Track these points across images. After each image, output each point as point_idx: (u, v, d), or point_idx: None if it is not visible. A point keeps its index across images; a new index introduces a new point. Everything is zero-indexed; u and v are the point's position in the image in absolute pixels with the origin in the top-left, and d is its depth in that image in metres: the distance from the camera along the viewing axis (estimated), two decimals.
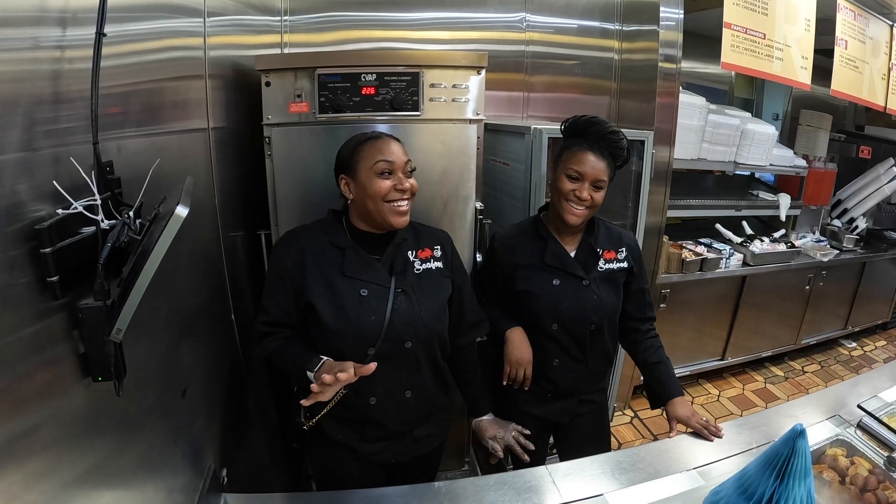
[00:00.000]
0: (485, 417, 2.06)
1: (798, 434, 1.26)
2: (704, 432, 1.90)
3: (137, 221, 1.10)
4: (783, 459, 1.27)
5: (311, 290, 1.68)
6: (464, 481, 1.72)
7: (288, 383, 2.01)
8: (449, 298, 1.88)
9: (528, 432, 2.03)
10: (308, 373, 1.56)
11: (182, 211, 0.93)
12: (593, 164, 1.86)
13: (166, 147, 1.57)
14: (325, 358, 1.60)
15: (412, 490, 1.68)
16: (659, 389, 2.11)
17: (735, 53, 3.41)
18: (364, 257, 1.72)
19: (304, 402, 1.55)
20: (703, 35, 3.84)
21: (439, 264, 1.86)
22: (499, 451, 1.97)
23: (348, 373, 1.49)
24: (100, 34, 1.03)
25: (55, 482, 0.91)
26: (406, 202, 1.70)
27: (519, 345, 2.01)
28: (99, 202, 1.01)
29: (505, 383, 2.04)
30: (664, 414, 2.06)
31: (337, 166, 1.74)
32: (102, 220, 1.02)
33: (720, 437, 1.89)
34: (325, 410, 1.74)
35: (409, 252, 1.81)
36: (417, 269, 1.81)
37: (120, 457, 1.15)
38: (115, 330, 0.95)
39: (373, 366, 1.53)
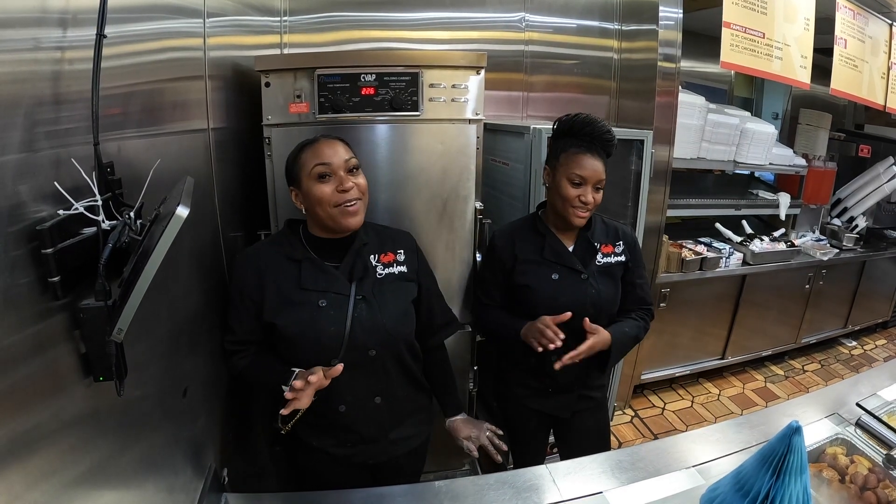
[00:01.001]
0: (458, 417, 2.07)
1: (794, 431, 1.26)
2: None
3: (138, 222, 1.10)
4: (779, 456, 1.27)
5: (272, 310, 1.69)
6: (464, 480, 1.72)
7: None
8: (416, 300, 1.88)
9: (500, 432, 2.04)
10: (283, 387, 1.57)
11: (182, 211, 0.92)
12: (594, 166, 1.88)
13: (167, 148, 1.57)
14: (297, 370, 1.62)
15: (412, 489, 1.68)
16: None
17: (734, 53, 3.42)
18: (321, 267, 1.71)
19: (283, 412, 1.56)
20: (702, 34, 3.85)
21: (402, 268, 1.85)
22: (473, 452, 1.99)
23: (317, 375, 1.53)
24: (100, 35, 1.03)
25: (57, 482, 0.91)
26: (354, 202, 1.66)
27: (531, 325, 1.98)
28: (100, 203, 1.01)
29: (540, 349, 1.96)
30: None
31: (287, 179, 1.73)
32: (103, 221, 1.02)
33: None
34: (298, 416, 1.73)
35: (371, 256, 1.80)
36: (379, 274, 1.80)
37: (121, 456, 1.15)
38: (116, 330, 0.95)
39: (339, 367, 1.56)
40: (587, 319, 1.92)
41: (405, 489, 1.68)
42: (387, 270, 1.82)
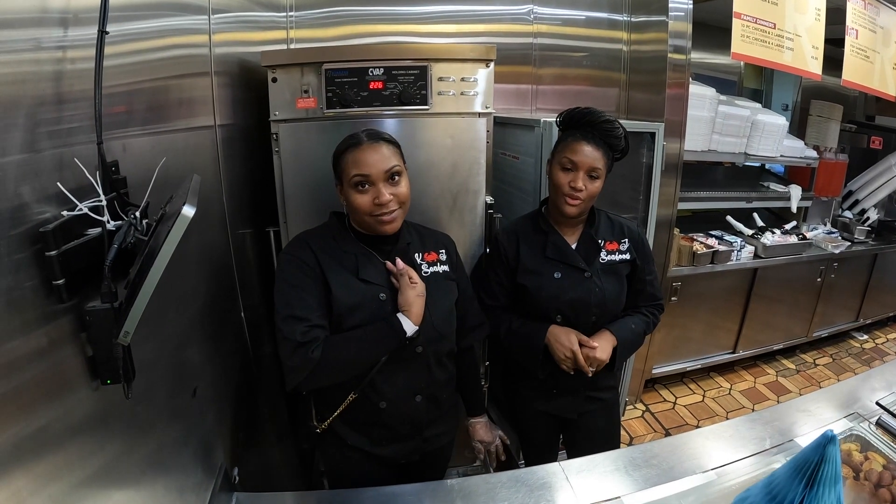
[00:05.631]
0: (480, 420, 2.11)
1: (829, 440, 1.24)
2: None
3: (144, 222, 1.09)
4: (812, 466, 1.25)
5: (337, 287, 1.63)
6: (476, 478, 1.71)
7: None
8: (455, 301, 1.88)
9: (508, 442, 2.11)
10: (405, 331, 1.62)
11: (189, 211, 0.91)
12: (587, 152, 1.84)
13: (172, 145, 1.56)
14: (399, 315, 1.64)
15: (424, 488, 1.67)
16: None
17: (745, 44, 3.38)
18: (376, 261, 1.70)
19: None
20: (712, 25, 3.81)
21: (446, 268, 1.86)
22: (480, 454, 2.10)
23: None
24: (102, 32, 1.02)
25: (64, 485, 0.90)
26: (391, 213, 1.64)
27: (560, 337, 1.97)
28: (104, 203, 1.00)
29: (568, 369, 1.98)
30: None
31: (333, 172, 1.70)
32: (108, 222, 1.01)
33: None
34: (336, 414, 1.75)
35: (416, 255, 1.80)
36: (425, 273, 1.79)
37: (130, 458, 1.15)
38: (122, 333, 0.93)
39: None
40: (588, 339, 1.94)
41: (417, 487, 1.67)
42: (432, 269, 1.82)
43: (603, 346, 1.94)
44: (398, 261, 1.69)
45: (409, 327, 1.62)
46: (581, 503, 1.59)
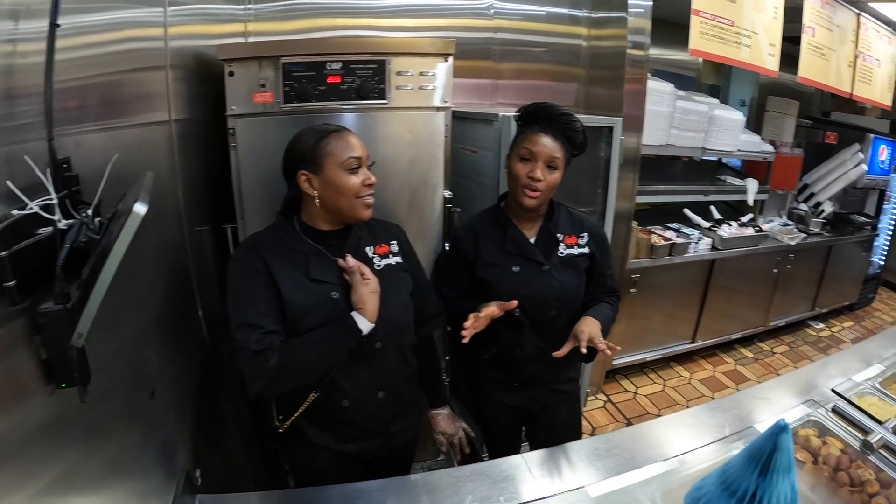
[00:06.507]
0: (442, 411, 2.10)
1: (781, 429, 1.26)
2: (601, 346, 1.81)
3: (97, 220, 1.08)
4: (766, 455, 1.27)
5: (287, 291, 1.61)
6: (440, 473, 1.71)
7: None
8: (410, 292, 1.87)
9: (472, 435, 2.10)
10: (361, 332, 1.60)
11: (140, 208, 0.90)
12: (545, 143, 1.84)
13: (127, 141, 1.54)
14: (353, 314, 1.62)
15: (389, 483, 1.67)
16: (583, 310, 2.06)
17: (703, 40, 3.44)
18: (326, 260, 1.68)
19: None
20: (671, 22, 3.88)
21: (399, 259, 1.85)
22: (443, 447, 2.07)
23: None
24: (53, 25, 1.01)
25: (22, 495, 0.89)
26: (373, 196, 1.69)
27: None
28: (56, 201, 0.99)
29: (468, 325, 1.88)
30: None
31: (294, 162, 1.66)
32: (60, 220, 1.00)
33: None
34: (298, 413, 1.73)
35: (368, 249, 1.78)
36: (378, 266, 1.78)
37: (89, 463, 1.13)
38: (76, 335, 0.92)
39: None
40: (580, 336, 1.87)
41: (382, 483, 1.66)
42: (385, 262, 1.81)
43: (591, 326, 1.89)
44: (349, 258, 1.67)
45: (365, 325, 1.61)
46: (544, 494, 1.60)
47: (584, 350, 1.79)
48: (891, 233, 6.64)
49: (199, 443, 1.94)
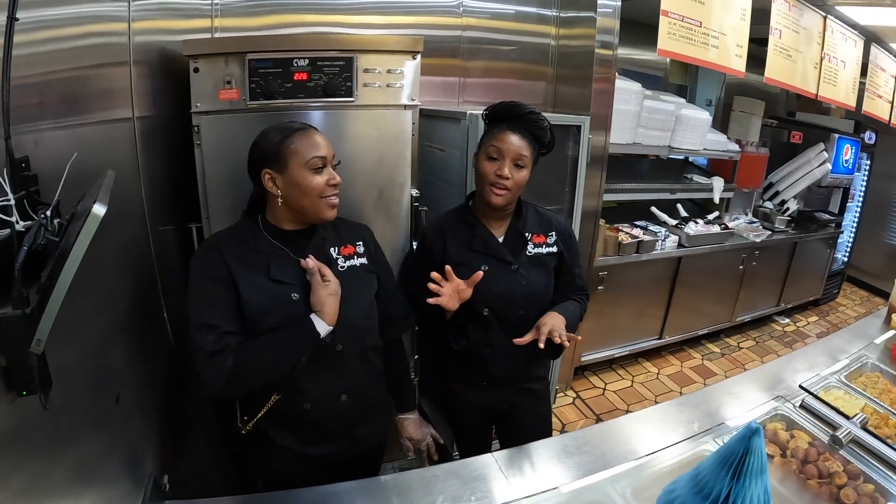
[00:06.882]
0: (410, 416, 2.10)
1: (753, 432, 1.26)
2: (558, 340, 1.81)
3: (55, 221, 1.05)
4: (738, 458, 1.28)
5: (246, 291, 1.59)
6: (410, 473, 1.71)
7: None
8: (375, 293, 1.86)
9: (441, 441, 2.11)
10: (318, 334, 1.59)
11: (99, 209, 0.89)
12: (513, 141, 1.85)
13: (88, 139, 1.52)
14: (312, 316, 1.60)
15: (359, 485, 1.65)
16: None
17: (671, 41, 3.48)
18: (289, 260, 1.66)
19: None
20: (639, 22, 3.91)
21: (364, 260, 1.83)
22: (410, 452, 2.09)
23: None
24: (11, 19, 0.99)
25: None
26: (337, 196, 1.67)
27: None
28: (13, 202, 0.97)
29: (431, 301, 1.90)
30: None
31: (258, 160, 1.64)
32: (17, 222, 0.97)
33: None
34: (261, 414, 1.71)
35: (332, 249, 1.76)
36: (342, 267, 1.76)
37: (52, 473, 1.11)
38: (35, 341, 0.90)
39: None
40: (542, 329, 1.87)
41: (352, 485, 1.65)
42: (349, 263, 1.79)
43: (554, 319, 1.92)
44: (309, 259, 1.65)
45: (323, 327, 1.59)
46: (516, 493, 1.61)
47: (541, 345, 1.80)
48: (854, 230, 6.80)
49: (167, 448, 1.92)
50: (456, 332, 2.05)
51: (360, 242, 1.85)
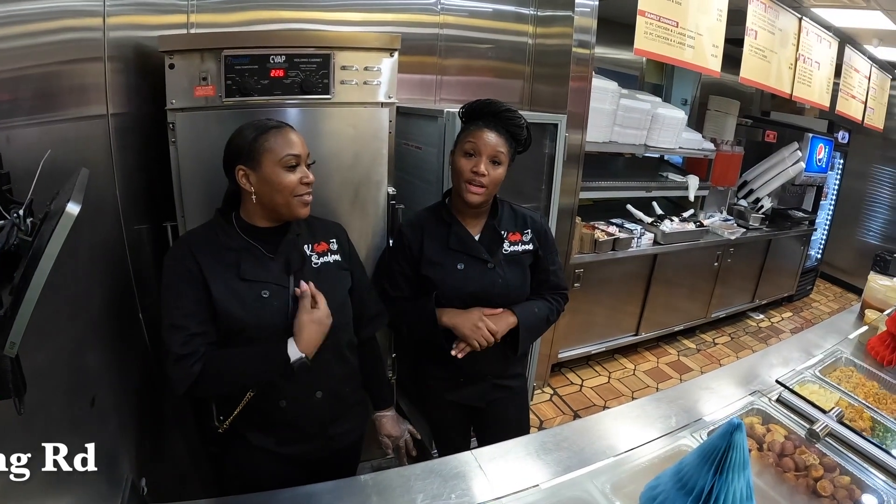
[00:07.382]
0: (386, 414, 2.09)
1: (735, 428, 1.28)
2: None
3: (28, 221, 1.04)
4: (720, 453, 1.29)
5: (217, 290, 1.59)
6: (390, 472, 1.69)
7: None
8: (349, 291, 1.86)
9: (419, 437, 2.12)
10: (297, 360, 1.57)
11: (73, 208, 0.88)
12: (489, 138, 1.85)
13: (61, 136, 1.51)
14: (290, 339, 1.59)
15: (338, 485, 1.64)
16: None
17: (648, 40, 3.51)
18: (260, 257, 1.66)
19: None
20: (616, 22, 3.96)
21: (337, 257, 1.83)
22: (389, 450, 2.08)
23: None
24: None
25: None
26: (310, 195, 1.67)
27: (464, 317, 1.97)
28: None
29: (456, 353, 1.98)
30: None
31: (233, 156, 1.63)
32: None
33: None
34: (237, 412, 1.71)
35: (305, 246, 1.76)
36: (315, 264, 1.76)
37: (27, 478, 1.09)
38: (8, 343, 0.88)
39: None
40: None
41: (331, 485, 1.63)
42: (322, 260, 1.78)
43: (502, 317, 1.97)
44: (302, 283, 1.65)
45: (294, 353, 1.58)
46: (497, 491, 1.60)
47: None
48: (827, 228, 6.92)
49: (144, 450, 1.90)
50: (451, 338, 2.03)
51: (334, 240, 1.85)
